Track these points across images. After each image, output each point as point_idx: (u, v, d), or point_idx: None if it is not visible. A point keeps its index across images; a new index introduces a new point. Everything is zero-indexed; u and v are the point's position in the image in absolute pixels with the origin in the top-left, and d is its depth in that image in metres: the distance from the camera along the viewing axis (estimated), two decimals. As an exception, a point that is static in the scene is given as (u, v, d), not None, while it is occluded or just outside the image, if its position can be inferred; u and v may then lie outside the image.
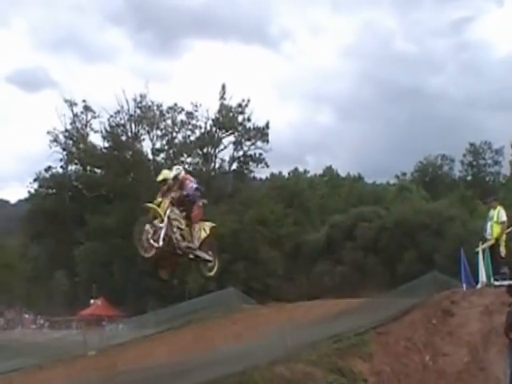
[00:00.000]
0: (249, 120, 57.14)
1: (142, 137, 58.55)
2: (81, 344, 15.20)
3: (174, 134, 58.49)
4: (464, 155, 64.89)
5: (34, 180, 59.11)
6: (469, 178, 64.55)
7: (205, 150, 57.89)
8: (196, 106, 57.42)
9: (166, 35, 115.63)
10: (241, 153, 58.16)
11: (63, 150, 58.07)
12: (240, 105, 57.10)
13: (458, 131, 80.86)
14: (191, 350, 12.62)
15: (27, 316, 50.23)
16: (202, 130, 57.82)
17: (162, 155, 58.78)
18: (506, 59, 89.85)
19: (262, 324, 13.51)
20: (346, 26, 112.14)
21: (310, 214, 53.39)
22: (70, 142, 58.68)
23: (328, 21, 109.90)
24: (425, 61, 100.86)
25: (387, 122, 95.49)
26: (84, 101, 58.20)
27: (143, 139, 58.57)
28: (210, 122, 57.40)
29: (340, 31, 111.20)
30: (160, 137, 58.25)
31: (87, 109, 58.24)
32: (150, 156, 58.53)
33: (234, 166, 58.95)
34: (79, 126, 58.70)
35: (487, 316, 11.93)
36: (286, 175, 61.47)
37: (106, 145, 58.43)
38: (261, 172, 59.52)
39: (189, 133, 58.40)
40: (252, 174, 59.60)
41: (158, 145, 58.30)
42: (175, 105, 58.18)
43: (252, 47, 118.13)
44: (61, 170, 58.84)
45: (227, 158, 58.36)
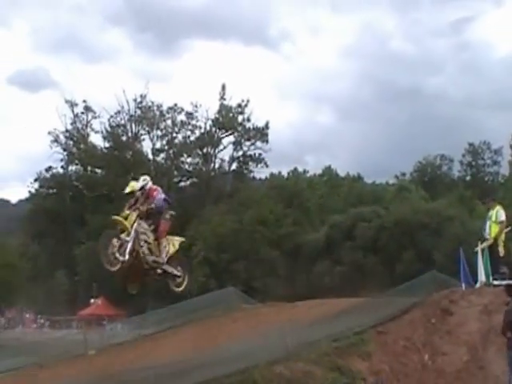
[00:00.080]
0: (248, 120, 57.39)
1: (142, 137, 58.94)
2: (81, 343, 15.17)
3: (174, 134, 58.70)
4: (463, 155, 64.89)
5: (35, 180, 59.30)
6: (468, 177, 64.50)
7: (205, 150, 57.99)
8: (196, 106, 57.72)
9: (166, 36, 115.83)
10: (240, 153, 58.37)
11: (64, 150, 58.28)
12: (240, 105, 57.27)
13: (457, 131, 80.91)
14: (191, 350, 12.67)
15: (28, 315, 50.19)
16: (202, 130, 58.01)
17: (162, 155, 59.04)
18: (505, 59, 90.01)
19: (261, 323, 13.52)
20: (346, 26, 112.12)
21: (309, 213, 53.38)
22: (71, 142, 58.84)
23: (328, 21, 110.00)
24: (424, 61, 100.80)
25: (387, 122, 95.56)
26: (84, 101, 58.54)
27: (143, 139, 58.97)
28: (209, 122, 57.70)
29: (339, 31, 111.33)
30: (160, 137, 58.47)
31: (88, 109, 58.44)
32: (150, 156, 58.83)
33: (234, 166, 59.20)
34: (80, 126, 58.92)
35: (486, 315, 11.93)
36: (286, 175, 61.37)
37: (107, 145, 58.76)
38: (260, 172, 59.76)
39: (189, 133, 58.64)
40: (252, 174, 59.86)
41: (158, 145, 58.60)
42: (175, 105, 58.46)
43: (252, 47, 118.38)
44: (61, 170, 59.11)
45: (227, 158, 58.64)
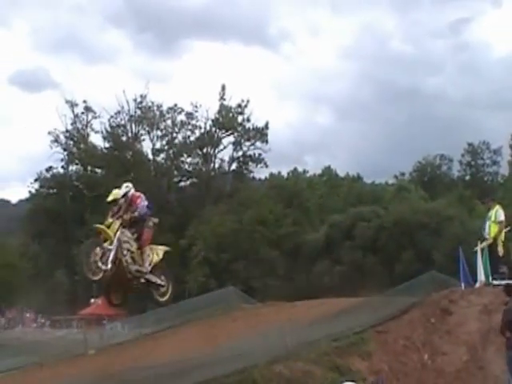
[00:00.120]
0: (248, 120, 57.31)
1: (142, 137, 58.84)
2: (81, 343, 15.15)
3: (174, 135, 58.60)
4: (462, 155, 64.91)
5: (35, 180, 59.05)
6: (467, 177, 64.51)
7: (204, 150, 57.95)
8: (196, 106, 57.63)
9: (166, 36, 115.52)
10: (240, 153, 58.28)
11: (64, 150, 58.12)
12: (239, 105, 57.22)
13: (456, 131, 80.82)
14: (191, 349, 12.66)
15: (28, 315, 50.08)
16: (202, 131, 57.93)
17: (162, 155, 59.00)
18: (504, 60, 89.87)
19: (261, 323, 13.51)
20: (345, 26, 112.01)
21: (309, 213, 53.41)
22: (71, 142, 58.73)
23: (327, 22, 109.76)
24: (423, 61, 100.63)
25: (386, 122, 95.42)
26: (85, 101, 58.29)
27: (143, 139, 58.86)
28: (209, 123, 57.59)
29: (339, 32, 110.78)
30: (160, 137, 58.40)
31: (88, 109, 58.29)
32: (151, 156, 58.79)
33: (234, 166, 59.10)
34: (80, 126, 58.76)
35: (486, 315, 11.95)
36: (285, 175, 61.38)
37: (107, 145, 58.68)
38: (260, 172, 59.73)
39: (189, 133, 58.55)
40: (251, 174, 59.74)
41: (158, 145, 58.51)
42: (175, 105, 58.36)
43: (251, 48, 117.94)
44: (62, 170, 58.85)
45: (227, 158, 58.56)
